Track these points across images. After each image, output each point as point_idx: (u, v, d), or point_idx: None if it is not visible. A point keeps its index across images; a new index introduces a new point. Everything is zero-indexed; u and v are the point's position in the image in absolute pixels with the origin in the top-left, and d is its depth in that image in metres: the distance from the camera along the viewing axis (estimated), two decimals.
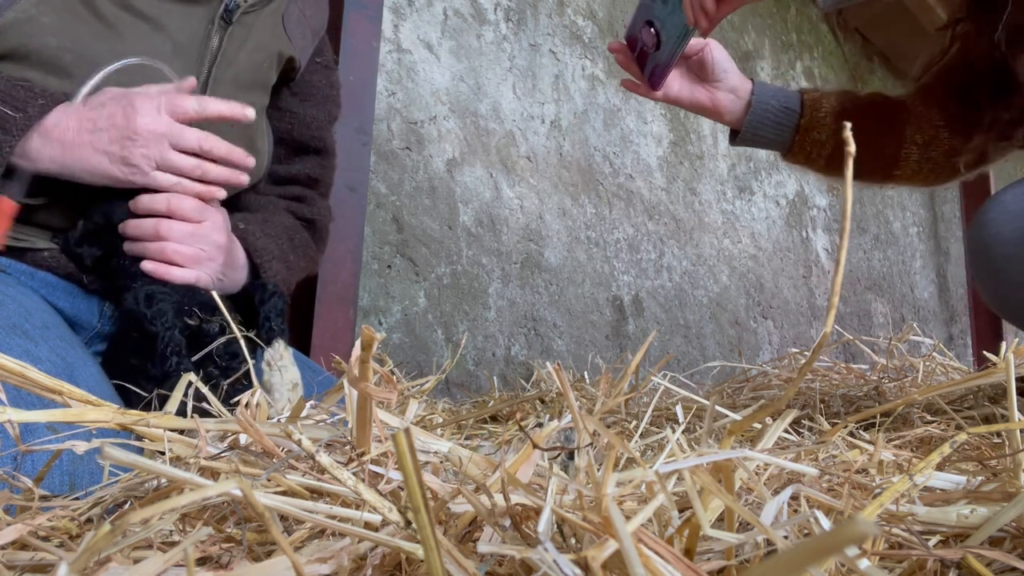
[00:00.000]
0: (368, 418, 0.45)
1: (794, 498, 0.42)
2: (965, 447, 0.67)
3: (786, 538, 0.35)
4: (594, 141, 2.21)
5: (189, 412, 0.52)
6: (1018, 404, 0.54)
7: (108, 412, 0.47)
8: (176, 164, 0.82)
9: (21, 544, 0.37)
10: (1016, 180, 1.09)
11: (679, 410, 0.71)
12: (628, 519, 0.31)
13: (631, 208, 2.28)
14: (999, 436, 0.73)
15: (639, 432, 0.73)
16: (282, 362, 0.66)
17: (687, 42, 1.01)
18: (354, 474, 0.39)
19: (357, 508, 0.38)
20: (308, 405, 0.59)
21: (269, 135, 1.09)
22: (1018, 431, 0.51)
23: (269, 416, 0.61)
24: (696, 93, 1.10)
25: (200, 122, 0.84)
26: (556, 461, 0.48)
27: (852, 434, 0.80)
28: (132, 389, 0.72)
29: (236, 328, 0.70)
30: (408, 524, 0.34)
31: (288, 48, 1.06)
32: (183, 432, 0.50)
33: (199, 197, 0.84)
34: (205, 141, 0.83)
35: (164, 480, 0.45)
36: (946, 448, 0.48)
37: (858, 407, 1.15)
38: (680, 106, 1.12)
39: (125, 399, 0.75)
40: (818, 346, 0.40)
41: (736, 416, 0.72)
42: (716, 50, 1.08)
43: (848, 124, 0.35)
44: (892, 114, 1.15)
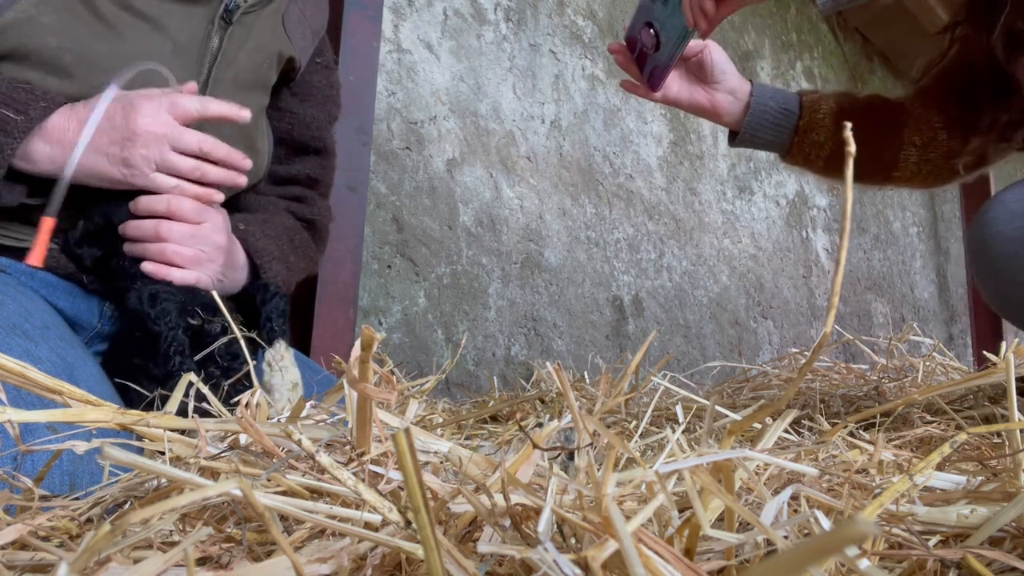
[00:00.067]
0: (368, 418, 0.45)
1: (794, 498, 0.42)
2: (965, 447, 0.67)
3: (786, 538, 0.35)
4: (594, 141, 2.21)
5: (190, 412, 0.52)
6: (1018, 404, 0.54)
7: (108, 412, 0.47)
8: (175, 165, 0.82)
9: (21, 544, 0.37)
10: (1017, 180, 1.09)
11: (679, 410, 0.71)
12: (628, 519, 0.31)
13: (631, 208, 2.28)
14: (999, 436, 0.73)
15: (639, 432, 0.73)
16: (283, 362, 0.66)
17: (686, 43, 1.01)
18: (354, 474, 0.39)
19: (357, 508, 0.38)
20: (308, 405, 0.59)
21: (269, 135, 1.09)
22: (1018, 431, 0.51)
23: (269, 416, 0.61)
24: (695, 94, 1.10)
25: (200, 123, 0.84)
26: (556, 461, 0.48)
27: (852, 434, 0.80)
28: (133, 389, 0.72)
29: (237, 329, 0.70)
30: (408, 524, 0.34)
31: (288, 48, 1.06)
32: (183, 432, 0.50)
33: (198, 199, 0.84)
34: (205, 143, 0.83)
35: (164, 480, 0.45)
36: (946, 448, 0.48)
37: (858, 407, 1.15)
38: (679, 107, 1.12)
39: (126, 399, 0.75)
40: (818, 346, 0.40)
41: (736, 416, 0.72)
42: (715, 52, 1.08)
43: (848, 124, 0.35)
44: (891, 116, 1.15)
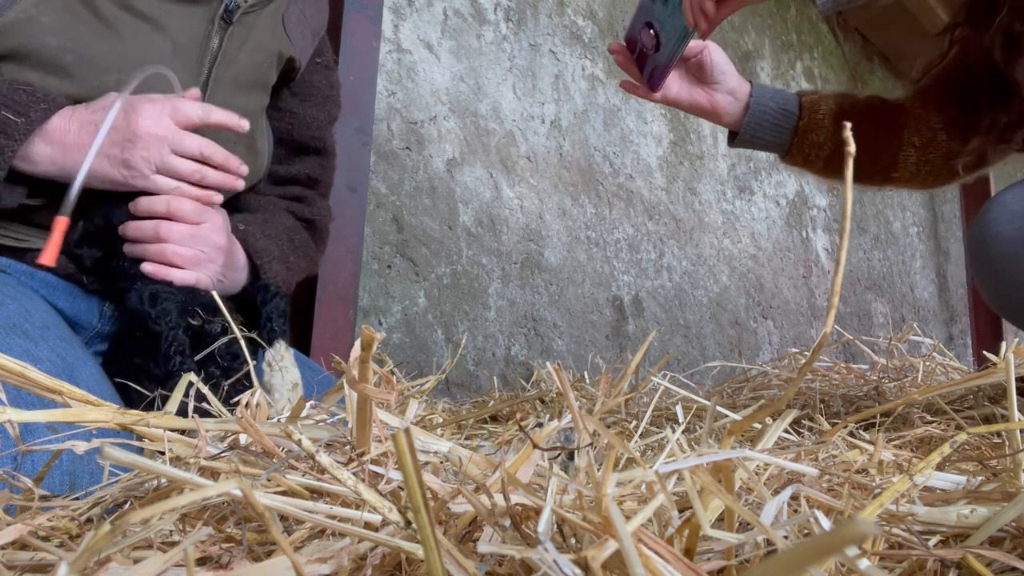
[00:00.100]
0: (368, 418, 0.45)
1: (794, 498, 0.42)
2: (965, 447, 0.67)
3: (786, 538, 0.35)
4: (594, 141, 2.21)
5: (190, 412, 0.52)
6: (1018, 404, 0.54)
7: (108, 412, 0.47)
8: (175, 168, 0.82)
9: (21, 544, 0.37)
10: (1017, 180, 1.09)
11: (679, 410, 0.71)
12: (628, 519, 0.31)
13: (631, 208, 2.28)
14: (999, 436, 0.73)
15: (639, 432, 0.73)
16: (283, 362, 0.66)
17: (686, 44, 1.01)
18: (354, 474, 0.39)
19: (357, 508, 0.38)
20: (308, 405, 0.59)
21: (269, 135, 1.09)
22: (1018, 431, 0.51)
23: (269, 416, 0.61)
24: (695, 95, 1.10)
25: (199, 129, 0.84)
26: (556, 461, 0.48)
27: (852, 434, 0.80)
28: (133, 389, 0.72)
29: (237, 329, 0.70)
30: (408, 524, 0.34)
31: (288, 48, 1.06)
32: (183, 432, 0.50)
33: (197, 200, 0.84)
34: (205, 147, 0.83)
35: (164, 480, 0.45)
36: (946, 448, 0.48)
37: (858, 407, 1.15)
38: (679, 108, 1.12)
39: (126, 399, 0.75)
40: (818, 346, 0.40)
41: (736, 416, 0.72)
42: (715, 52, 1.08)
43: (848, 125, 0.35)
44: (890, 117, 1.15)
